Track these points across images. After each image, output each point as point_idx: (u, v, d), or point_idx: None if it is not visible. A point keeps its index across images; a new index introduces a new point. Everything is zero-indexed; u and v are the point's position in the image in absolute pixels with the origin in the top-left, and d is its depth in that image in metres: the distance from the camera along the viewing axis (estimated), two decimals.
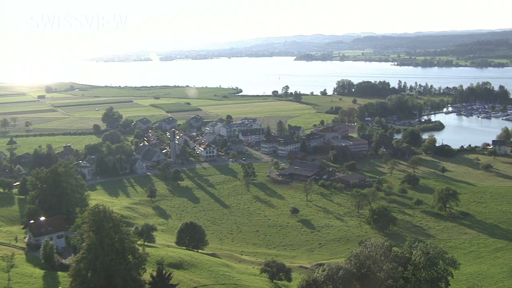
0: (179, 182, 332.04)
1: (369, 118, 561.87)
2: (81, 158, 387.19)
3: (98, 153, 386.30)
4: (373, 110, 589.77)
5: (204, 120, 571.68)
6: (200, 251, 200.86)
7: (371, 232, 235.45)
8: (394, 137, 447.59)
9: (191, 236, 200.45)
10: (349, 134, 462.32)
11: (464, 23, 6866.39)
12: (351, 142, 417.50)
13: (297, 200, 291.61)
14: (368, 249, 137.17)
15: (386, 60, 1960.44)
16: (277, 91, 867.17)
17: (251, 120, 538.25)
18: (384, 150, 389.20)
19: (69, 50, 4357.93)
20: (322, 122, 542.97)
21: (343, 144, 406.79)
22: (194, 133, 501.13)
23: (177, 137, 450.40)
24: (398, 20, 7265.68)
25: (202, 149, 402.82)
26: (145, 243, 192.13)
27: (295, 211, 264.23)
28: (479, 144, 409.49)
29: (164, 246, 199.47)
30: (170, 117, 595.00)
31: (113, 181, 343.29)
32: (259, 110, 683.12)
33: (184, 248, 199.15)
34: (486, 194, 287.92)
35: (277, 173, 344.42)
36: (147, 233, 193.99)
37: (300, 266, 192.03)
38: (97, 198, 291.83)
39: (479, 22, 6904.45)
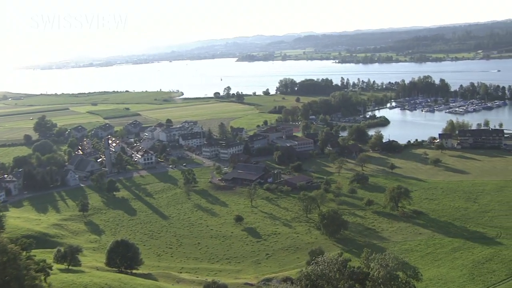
0: (114, 193, 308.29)
1: (314, 116, 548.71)
2: (7, 171, 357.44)
3: (26, 165, 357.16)
4: (317, 108, 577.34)
5: (143, 125, 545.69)
6: (134, 271, 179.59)
7: (321, 238, 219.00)
8: (340, 135, 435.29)
9: (122, 256, 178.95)
10: (294, 134, 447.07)
11: (401, 20, 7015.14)
12: (296, 142, 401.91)
13: (241, 207, 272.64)
14: (321, 267, 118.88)
15: (328, 58, 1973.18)
16: (219, 93, 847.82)
17: (192, 123, 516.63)
18: (331, 148, 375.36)
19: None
20: (265, 123, 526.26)
21: (288, 144, 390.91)
22: (132, 140, 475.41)
23: (114, 144, 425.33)
24: (337, 19, 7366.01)
25: (140, 156, 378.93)
26: (70, 267, 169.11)
27: (239, 219, 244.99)
28: (426, 138, 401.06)
29: (93, 269, 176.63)
30: (107, 124, 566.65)
31: (42, 195, 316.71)
32: (201, 112, 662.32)
33: (116, 269, 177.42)
34: (438, 190, 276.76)
35: (220, 178, 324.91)
36: (71, 256, 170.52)
37: (246, 283, 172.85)
38: (22, 216, 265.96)
39: (415, 20, 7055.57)
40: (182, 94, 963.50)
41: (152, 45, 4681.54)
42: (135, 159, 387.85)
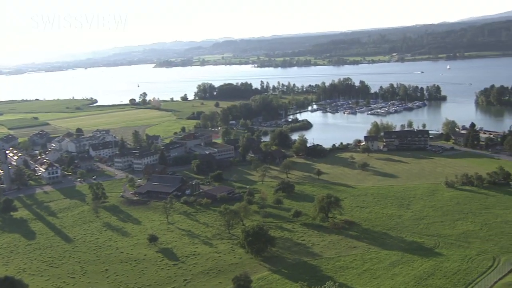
0: (12, 213, 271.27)
1: (234, 121, 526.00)
2: None
3: None
4: (237, 112, 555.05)
5: (51, 136, 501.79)
6: None
7: (246, 258, 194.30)
8: (262, 140, 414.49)
9: None
10: (213, 140, 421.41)
11: (317, 25, 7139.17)
12: (216, 149, 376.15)
13: (156, 224, 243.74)
14: None
15: (247, 63, 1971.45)
16: (134, 99, 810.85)
17: (104, 132, 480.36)
18: (253, 155, 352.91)
19: None
20: (183, 129, 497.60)
21: (207, 152, 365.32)
22: (37, 152, 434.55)
23: (15, 157, 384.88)
24: (254, 24, 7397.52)
25: (44, 170, 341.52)
26: None
27: (153, 238, 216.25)
28: (351, 141, 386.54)
29: None
30: (10, 135, 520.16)
31: None
32: (115, 120, 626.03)
33: None
34: (368, 197, 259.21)
35: (133, 192, 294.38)
36: None
37: None
38: None
39: (330, 25, 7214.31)
40: (96, 101, 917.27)
41: (67, 52, 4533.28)
42: (39, 173, 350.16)
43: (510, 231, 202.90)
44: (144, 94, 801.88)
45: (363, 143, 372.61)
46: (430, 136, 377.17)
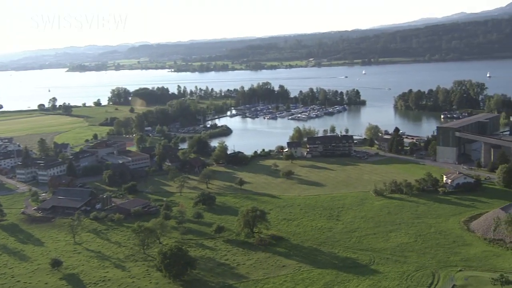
0: None
1: (150, 128, 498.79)
2: None
3: None
4: (153, 118, 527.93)
5: None
6: None
7: (163, 283, 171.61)
8: (180, 147, 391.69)
9: None
10: (127, 148, 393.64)
11: (233, 31, 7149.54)
12: (130, 158, 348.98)
13: (61, 245, 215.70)
14: None
15: (163, 67, 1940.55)
16: (43, 105, 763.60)
17: (6, 141, 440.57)
18: (170, 164, 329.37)
19: None
20: (95, 136, 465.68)
21: (120, 161, 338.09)
22: None
23: None
24: (171, 29, 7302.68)
25: None
26: None
27: (57, 263, 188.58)
28: (273, 148, 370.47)
29: None
30: None
31: None
32: (21, 127, 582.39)
33: None
34: (295, 208, 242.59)
35: (36, 208, 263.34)
36: None
37: None
38: None
39: (247, 30, 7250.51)
40: (1, 107, 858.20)
41: None
42: None
43: (445, 242, 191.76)
44: (54, 99, 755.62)
45: (286, 149, 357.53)
46: (354, 141, 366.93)
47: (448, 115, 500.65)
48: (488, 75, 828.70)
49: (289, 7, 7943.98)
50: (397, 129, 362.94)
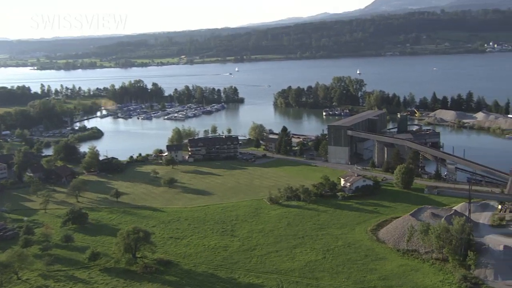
0: None
1: (8, 132, 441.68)
2: None
3: None
4: (12, 121, 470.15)
5: None
6: None
7: None
8: (43, 154, 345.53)
9: None
10: None
11: (100, 29, 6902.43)
12: None
13: None
14: None
15: (25, 65, 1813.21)
16: None
17: None
18: (32, 174, 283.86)
19: None
20: None
21: None
22: None
23: None
24: (33, 25, 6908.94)
25: None
26: None
27: None
28: (151, 152, 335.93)
29: None
30: None
31: None
32: None
33: None
34: (182, 223, 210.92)
35: None
36: None
37: None
38: None
39: (115, 27, 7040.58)
40: None
41: None
42: None
43: (357, 257, 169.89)
44: None
45: (166, 153, 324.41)
46: (239, 142, 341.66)
47: (330, 112, 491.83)
48: (358, 72, 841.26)
49: (157, 4, 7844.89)
50: (285, 128, 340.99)
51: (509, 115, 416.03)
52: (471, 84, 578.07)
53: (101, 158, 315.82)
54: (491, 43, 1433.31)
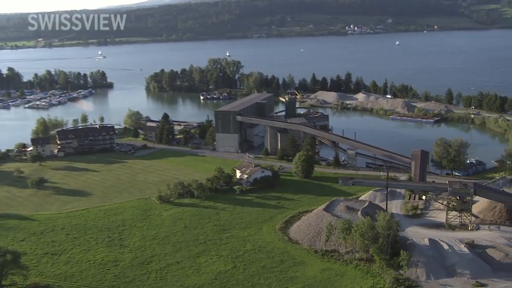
0: None
1: None
2: None
3: None
4: None
5: None
6: None
7: None
8: None
9: None
10: None
11: None
12: None
13: None
14: None
15: None
16: None
17: None
18: None
19: None
20: None
21: None
22: None
23: None
24: None
25: None
26: None
27: None
28: (12, 147, 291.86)
29: None
30: None
31: None
32: None
33: None
34: (58, 233, 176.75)
35: None
36: None
37: None
38: None
39: None
40: None
41: None
42: None
43: (272, 263, 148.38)
44: None
45: (31, 148, 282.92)
46: (116, 132, 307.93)
47: (208, 96, 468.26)
48: (227, 54, 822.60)
49: None
50: (166, 115, 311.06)
51: (387, 95, 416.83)
52: (339, 65, 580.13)
53: None
54: (351, 26, 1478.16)
